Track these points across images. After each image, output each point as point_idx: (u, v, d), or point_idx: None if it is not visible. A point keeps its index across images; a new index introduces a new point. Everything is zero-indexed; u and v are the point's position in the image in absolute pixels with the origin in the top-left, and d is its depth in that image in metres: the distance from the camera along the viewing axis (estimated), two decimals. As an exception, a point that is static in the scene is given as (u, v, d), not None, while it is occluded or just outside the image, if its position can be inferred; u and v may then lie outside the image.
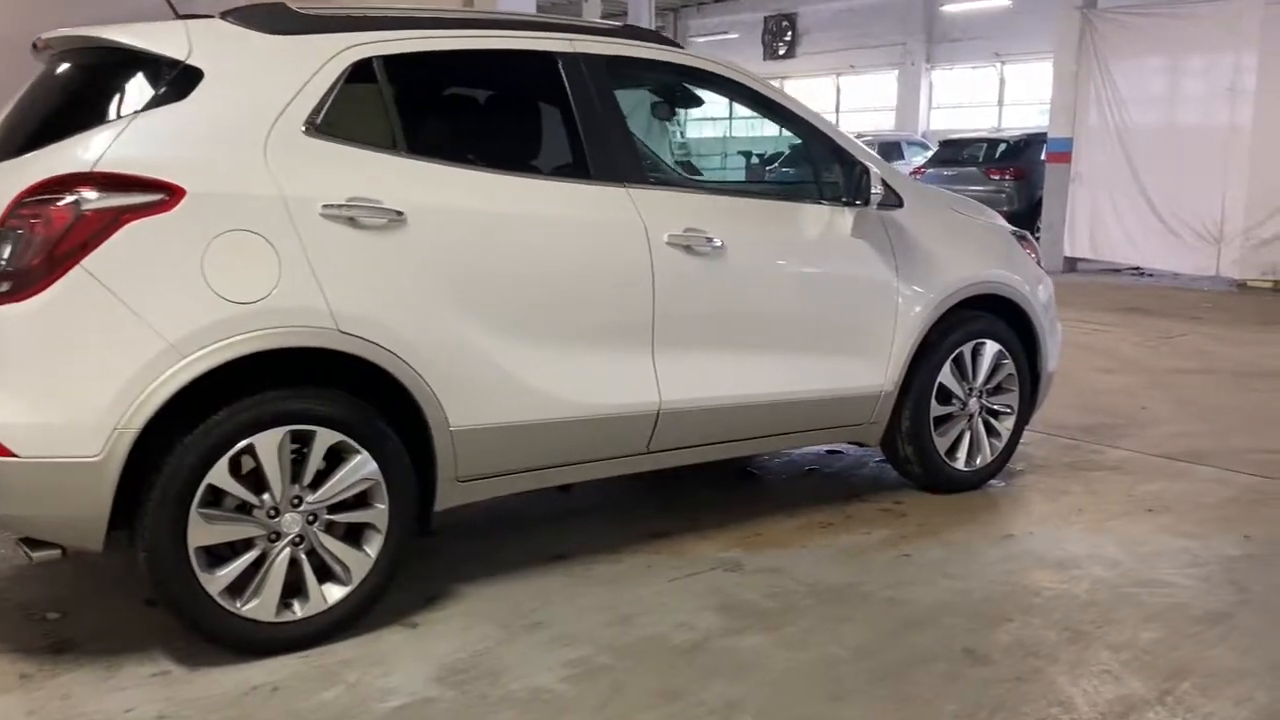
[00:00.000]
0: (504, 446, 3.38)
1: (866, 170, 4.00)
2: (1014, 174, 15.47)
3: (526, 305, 3.37)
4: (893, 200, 4.23)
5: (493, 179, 3.39)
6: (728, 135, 19.46)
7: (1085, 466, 4.94)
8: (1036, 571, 3.70)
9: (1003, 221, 4.84)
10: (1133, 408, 6.15)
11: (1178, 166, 12.34)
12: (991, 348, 4.50)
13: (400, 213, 3.11)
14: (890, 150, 19.22)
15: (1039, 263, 4.82)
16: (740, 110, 5.26)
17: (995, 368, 4.56)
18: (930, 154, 17.80)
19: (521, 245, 3.38)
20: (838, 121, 25.95)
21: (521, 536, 3.98)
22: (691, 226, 3.67)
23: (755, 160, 15.40)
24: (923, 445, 4.39)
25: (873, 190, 3.98)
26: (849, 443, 4.38)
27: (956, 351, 4.40)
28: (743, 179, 12.60)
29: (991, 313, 4.54)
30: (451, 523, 3.75)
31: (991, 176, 15.59)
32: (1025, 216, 14.27)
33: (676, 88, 4.61)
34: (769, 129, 4.48)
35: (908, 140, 20.11)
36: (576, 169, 3.59)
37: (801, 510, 4.28)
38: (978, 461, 4.56)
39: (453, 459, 3.25)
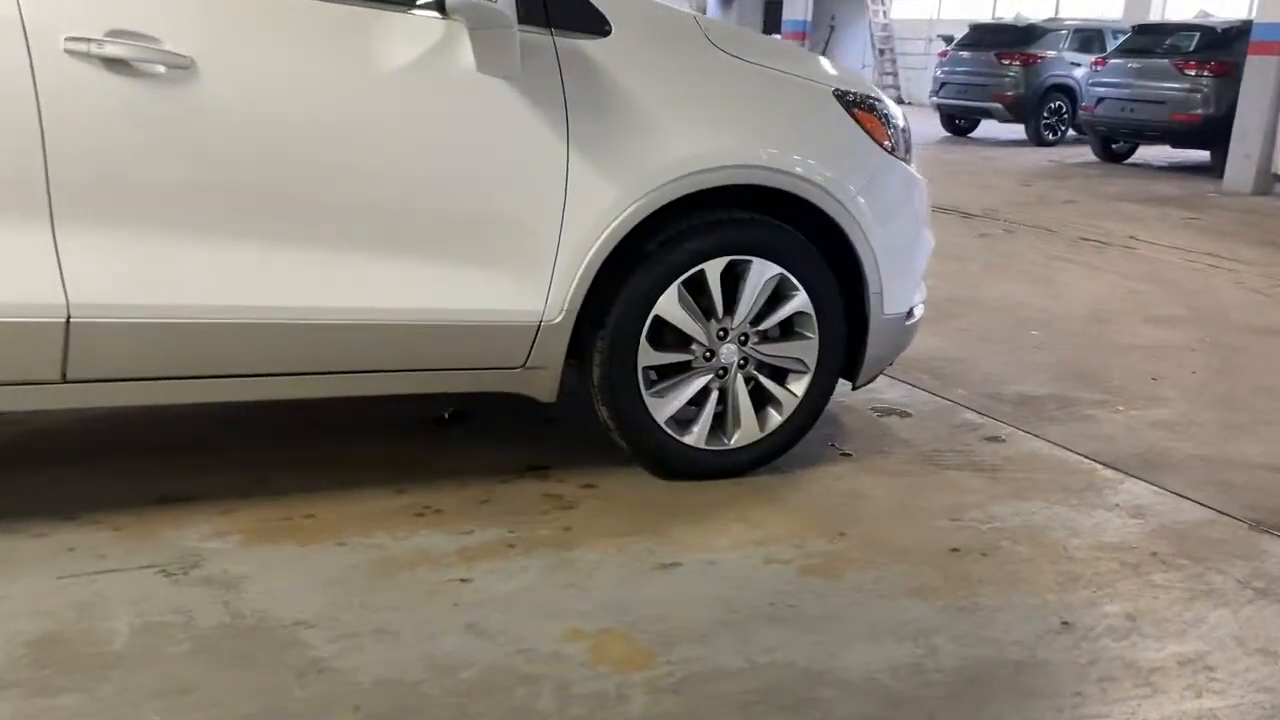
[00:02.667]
0: None
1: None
2: (1214, 69, 12.56)
3: None
4: (582, 21, 2.70)
5: None
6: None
7: (951, 460, 3.29)
8: (608, 642, 2.24)
9: (853, 83, 3.16)
10: (1139, 378, 4.31)
11: None
12: (762, 271, 2.93)
13: None
14: (1091, 39, 16.35)
15: (894, 149, 3.14)
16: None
17: (774, 302, 3.00)
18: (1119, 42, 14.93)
19: None
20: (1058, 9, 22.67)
21: None
22: (124, 28, 2.31)
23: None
24: (625, 408, 2.91)
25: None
26: (519, 394, 2.90)
27: (692, 272, 2.88)
28: None
29: (782, 220, 2.97)
30: None
31: (1185, 71, 12.74)
32: (1226, 122, 11.58)
33: None
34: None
35: (1115, 29, 17.01)
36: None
37: (446, 480, 2.95)
38: (734, 438, 3.04)
39: None
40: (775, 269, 2.95)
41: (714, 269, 2.89)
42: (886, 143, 3.12)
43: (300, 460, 3.05)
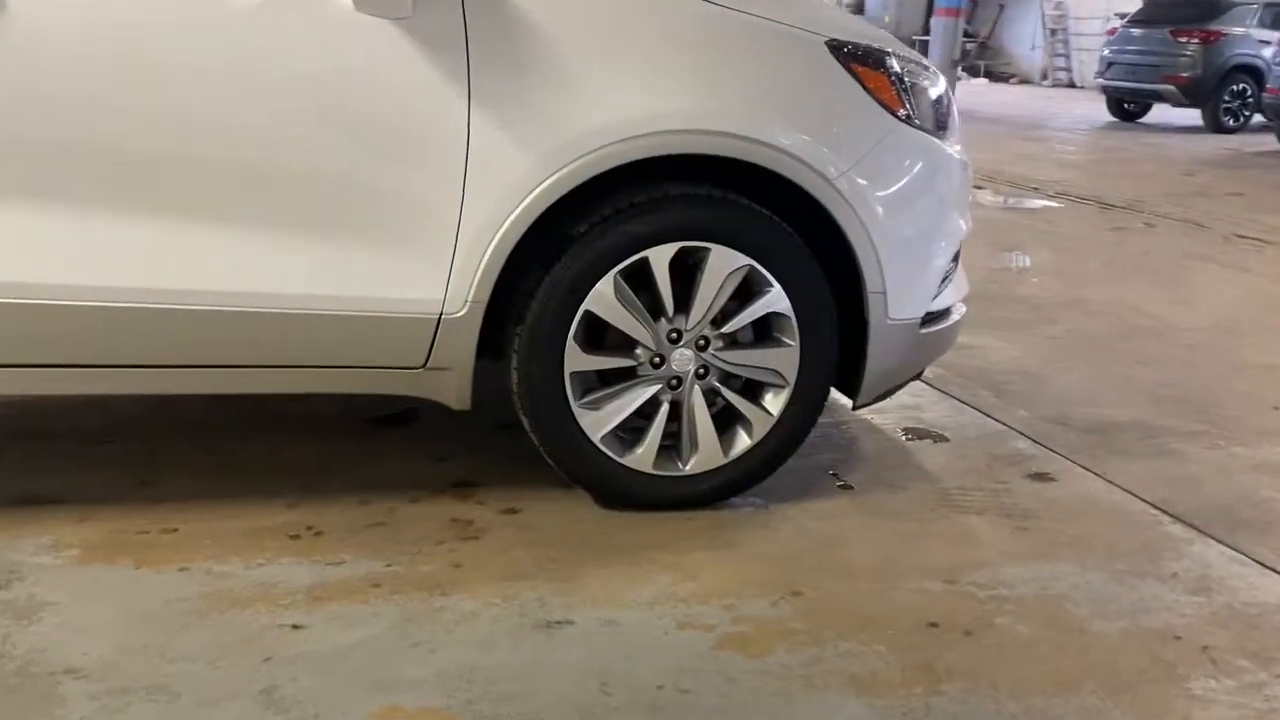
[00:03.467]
0: None
1: None
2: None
3: None
4: (488, -47, 2.21)
5: None
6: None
7: (974, 501, 2.65)
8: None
9: (857, 33, 2.55)
10: (1260, 407, 3.53)
11: None
12: (724, 261, 2.37)
13: None
14: None
15: (912, 117, 2.53)
16: None
17: (742, 300, 2.46)
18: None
19: None
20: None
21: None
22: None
23: None
24: (549, 419, 2.41)
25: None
26: (426, 400, 2.44)
27: (633, 260, 2.36)
28: None
29: (764, 202, 2.42)
30: None
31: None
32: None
33: None
34: None
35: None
36: None
37: (350, 494, 2.51)
38: (689, 463, 2.50)
39: None
40: (741, 259, 2.39)
41: (660, 257, 2.36)
42: (900, 110, 2.51)
43: (202, 462, 2.68)
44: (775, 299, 2.44)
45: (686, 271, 2.43)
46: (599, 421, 2.43)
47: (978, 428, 3.21)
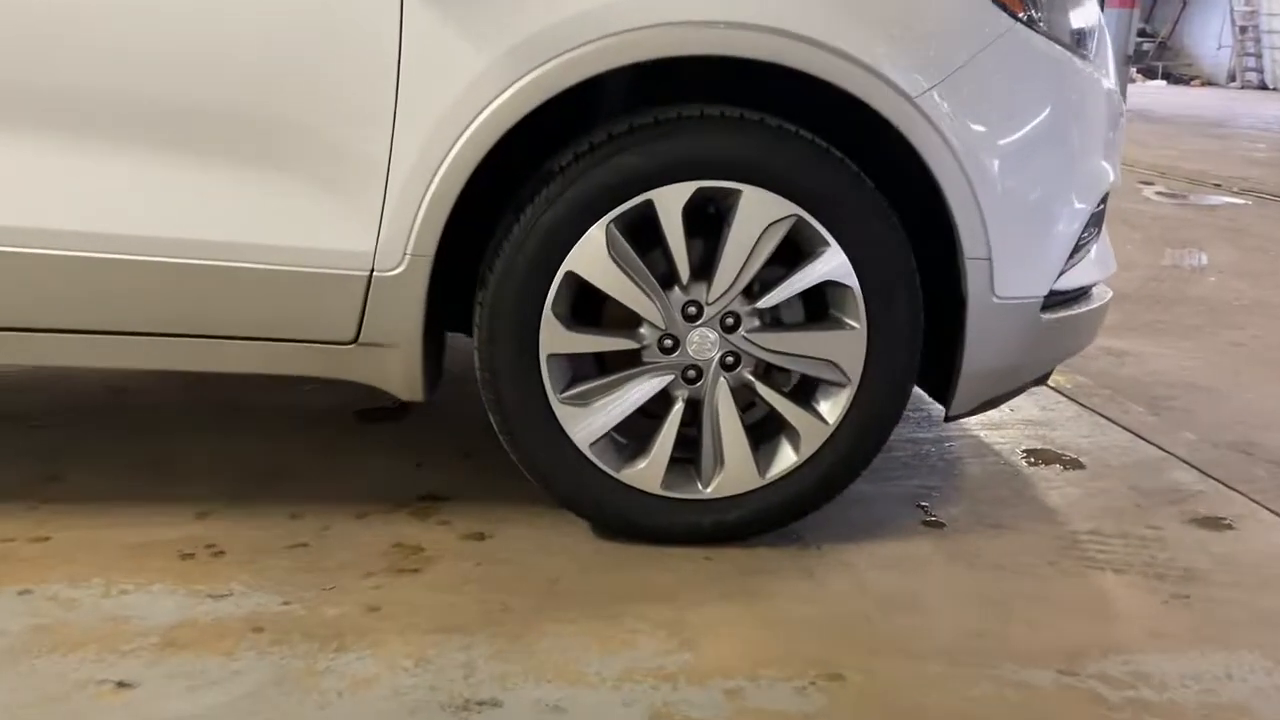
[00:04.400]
0: None
1: None
2: None
3: None
4: None
5: None
6: None
7: (1112, 553, 1.90)
8: None
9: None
10: None
11: None
12: (760, 209, 1.73)
13: None
14: None
15: (1036, 20, 1.82)
16: None
17: (786, 263, 1.80)
18: None
19: None
20: None
21: None
22: None
23: None
24: (517, 416, 1.81)
25: None
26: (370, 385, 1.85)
27: (632, 204, 1.73)
28: None
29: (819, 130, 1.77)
30: None
31: None
32: None
33: None
34: None
35: None
36: None
37: (283, 506, 1.96)
38: (712, 484, 1.85)
39: None
40: (783, 206, 1.74)
41: (670, 202, 1.73)
42: (1021, 9, 1.82)
43: (129, 454, 2.19)
44: (832, 263, 1.78)
45: (711, 224, 1.80)
46: (588, 423, 1.81)
47: (1125, 452, 2.44)
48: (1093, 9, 2.03)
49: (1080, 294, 2.03)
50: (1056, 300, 1.94)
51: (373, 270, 1.72)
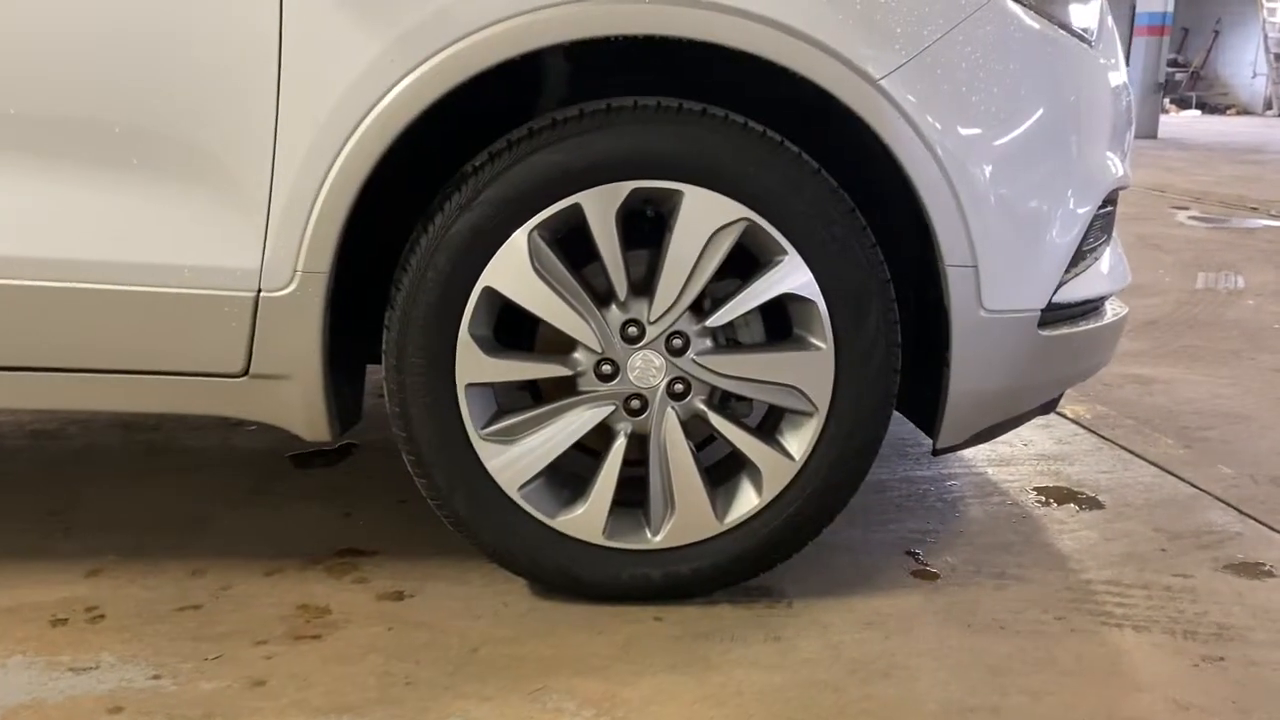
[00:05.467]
0: None
1: None
2: None
3: None
4: None
5: None
6: None
7: (1131, 606, 1.62)
8: None
9: None
10: None
11: None
12: (706, 212, 1.49)
13: None
14: None
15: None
16: None
17: (740, 274, 1.57)
18: None
19: None
20: None
21: None
22: None
23: None
24: (433, 459, 1.56)
25: None
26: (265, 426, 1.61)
27: (557, 209, 1.50)
28: None
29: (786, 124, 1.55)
30: None
31: None
32: None
33: None
34: None
35: None
36: None
37: (184, 560, 1.73)
38: (662, 530, 1.60)
39: None
40: (733, 209, 1.50)
41: (601, 205, 1.49)
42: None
43: (40, 503, 1.98)
44: (790, 274, 1.53)
45: (654, 231, 1.57)
46: (515, 463, 1.57)
47: (1151, 490, 2.16)
48: (1095, -10, 1.79)
49: (1088, 308, 1.78)
50: (1058, 315, 1.68)
51: (259, 290, 1.49)
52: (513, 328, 1.61)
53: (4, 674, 1.45)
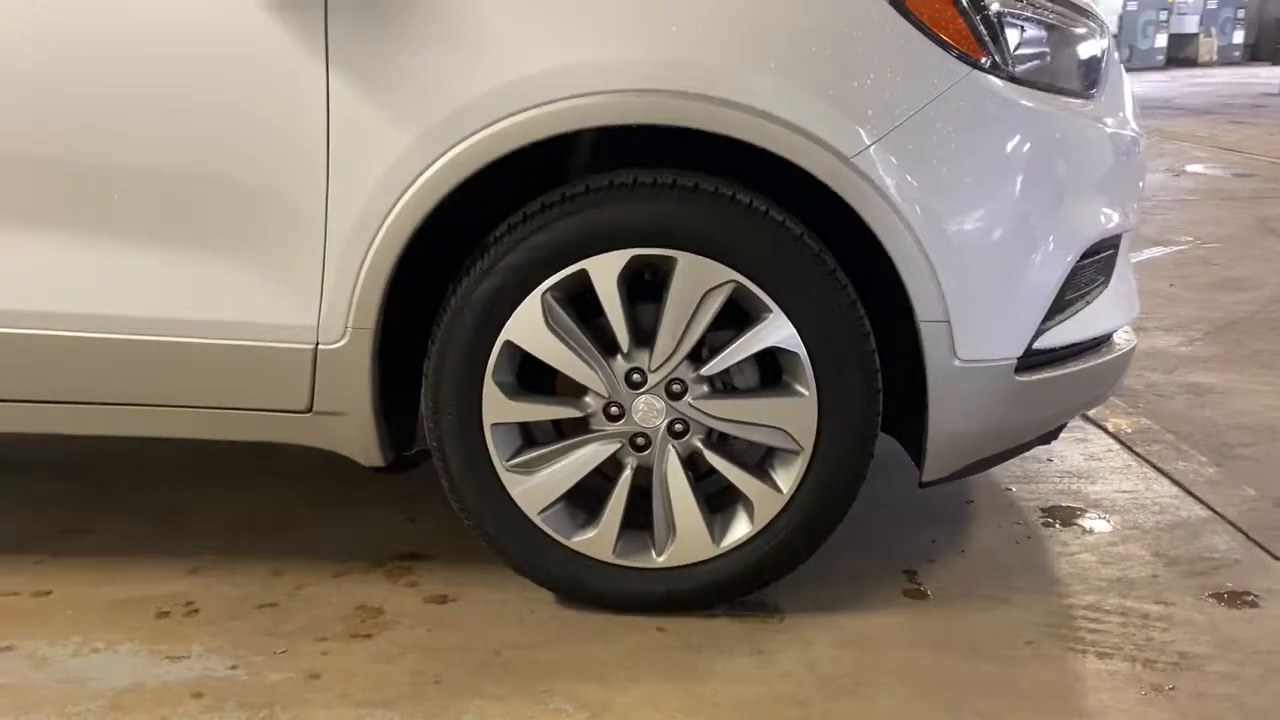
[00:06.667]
0: None
1: None
2: None
3: None
4: None
5: None
6: None
7: (1105, 633, 1.75)
8: None
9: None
10: None
11: None
12: (699, 276, 1.68)
13: None
14: None
15: (1001, 64, 1.70)
16: None
17: (734, 329, 1.75)
18: None
19: None
20: None
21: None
22: None
23: None
24: (466, 485, 1.81)
25: None
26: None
27: (567, 273, 1.71)
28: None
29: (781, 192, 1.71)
30: None
31: None
32: None
33: None
34: None
35: None
36: None
37: (269, 561, 2.03)
38: (665, 552, 1.81)
39: None
40: (722, 272, 1.69)
41: (605, 270, 1.70)
42: (981, 54, 1.68)
43: (144, 507, 2.29)
44: (775, 329, 1.71)
45: (656, 291, 1.77)
46: (536, 491, 1.80)
47: (1165, 511, 2.25)
48: (1096, 41, 1.89)
49: (1080, 348, 1.89)
50: (1039, 359, 1.81)
51: (317, 344, 1.76)
52: (538, 372, 1.83)
53: (115, 659, 1.77)
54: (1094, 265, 1.89)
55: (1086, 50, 1.88)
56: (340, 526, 2.22)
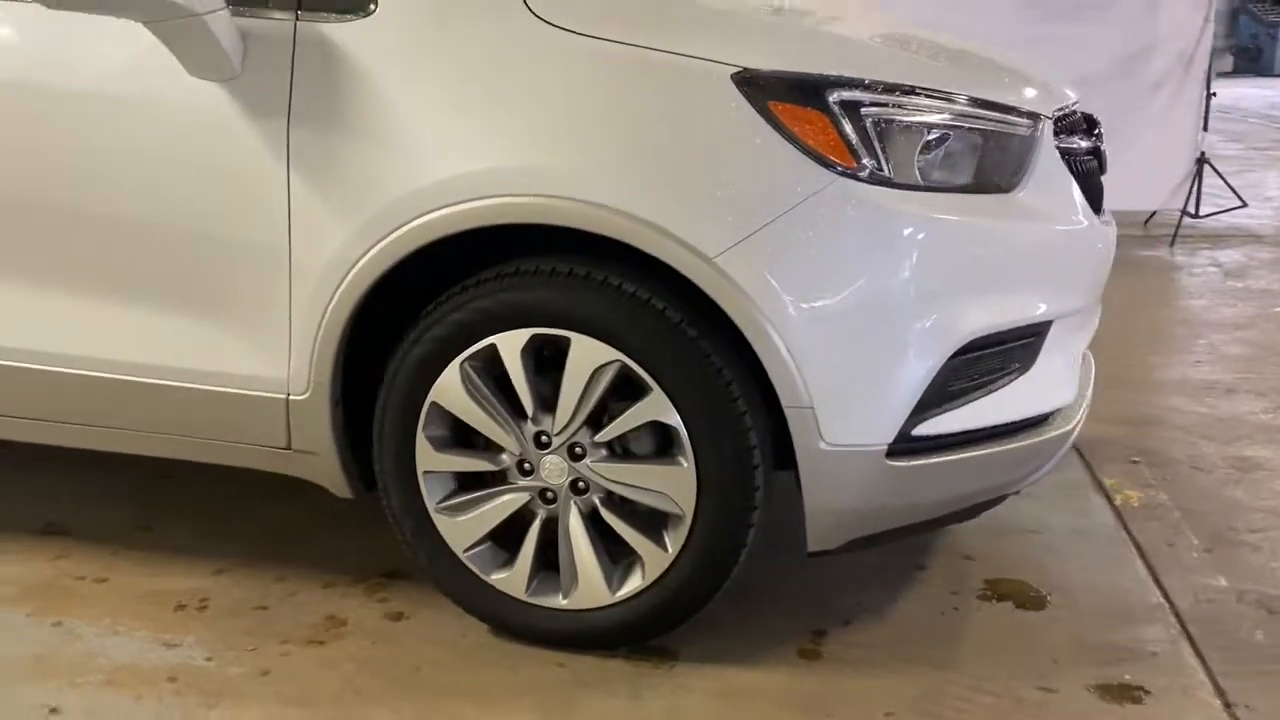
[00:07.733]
0: None
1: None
2: None
3: None
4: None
5: None
6: None
7: (969, 713, 1.82)
8: None
9: (797, 56, 1.94)
10: None
11: None
12: (587, 355, 1.89)
13: None
14: None
15: (877, 170, 1.79)
16: None
17: (631, 406, 1.93)
18: None
19: None
20: None
21: None
22: None
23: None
24: (406, 522, 2.09)
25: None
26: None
27: (479, 346, 1.95)
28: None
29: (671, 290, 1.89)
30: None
31: None
32: None
33: None
34: None
35: None
36: None
37: (273, 567, 2.40)
38: (567, 596, 2.03)
39: None
40: (609, 353, 1.89)
41: (510, 345, 1.94)
42: (851, 161, 1.79)
43: (215, 509, 2.71)
44: (656, 405, 1.89)
45: (558, 364, 1.98)
46: (461, 531, 2.06)
47: (1113, 596, 2.23)
48: (1017, 137, 1.94)
49: (974, 436, 1.95)
50: (924, 445, 1.90)
51: (288, 394, 2.10)
52: (461, 427, 2.08)
53: (128, 641, 2.17)
54: (999, 354, 1.95)
55: (1000, 146, 1.94)
56: (350, 540, 2.55)
